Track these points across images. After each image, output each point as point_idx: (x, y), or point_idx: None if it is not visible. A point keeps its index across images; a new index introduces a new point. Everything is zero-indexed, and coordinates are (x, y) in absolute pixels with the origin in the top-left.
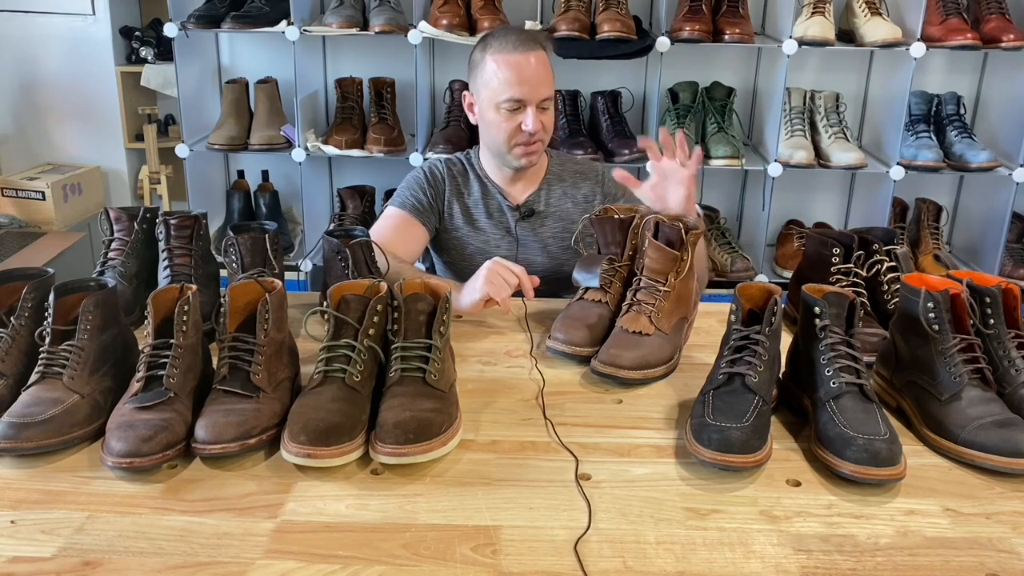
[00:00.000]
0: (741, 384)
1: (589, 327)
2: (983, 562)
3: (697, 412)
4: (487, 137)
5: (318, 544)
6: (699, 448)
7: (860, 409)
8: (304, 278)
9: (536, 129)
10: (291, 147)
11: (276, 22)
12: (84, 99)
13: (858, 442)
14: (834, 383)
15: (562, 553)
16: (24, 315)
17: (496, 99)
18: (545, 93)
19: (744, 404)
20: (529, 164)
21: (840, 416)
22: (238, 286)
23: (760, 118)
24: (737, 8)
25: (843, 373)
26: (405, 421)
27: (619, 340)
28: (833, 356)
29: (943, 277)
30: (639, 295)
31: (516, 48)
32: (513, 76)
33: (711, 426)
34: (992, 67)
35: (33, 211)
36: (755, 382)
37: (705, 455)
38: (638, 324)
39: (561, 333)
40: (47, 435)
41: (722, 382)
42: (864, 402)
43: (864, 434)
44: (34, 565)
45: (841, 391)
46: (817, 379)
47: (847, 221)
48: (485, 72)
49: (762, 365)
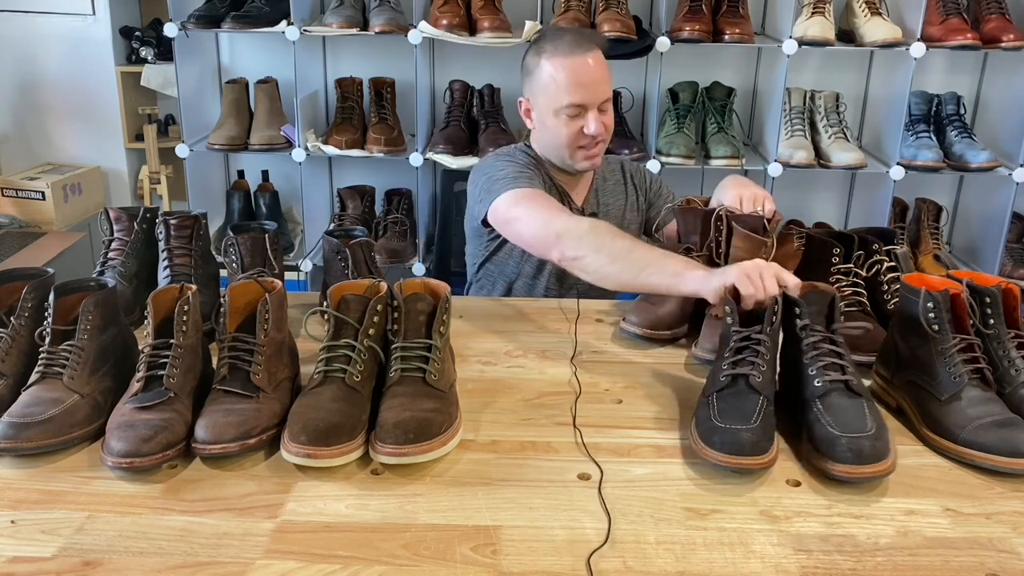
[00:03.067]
0: (745, 385)
1: (662, 313)
2: (983, 562)
3: (703, 415)
4: (547, 142)
5: (318, 544)
6: (709, 452)
7: (847, 406)
8: (304, 278)
9: (599, 132)
10: (291, 147)
11: (276, 22)
12: (84, 99)
13: (842, 442)
14: (818, 382)
15: (562, 553)
16: (24, 315)
17: (555, 104)
18: (605, 94)
19: (750, 405)
20: (592, 167)
21: (826, 415)
22: (238, 286)
23: (760, 118)
24: (737, 8)
25: (827, 371)
26: (405, 421)
27: (716, 328)
28: (816, 355)
29: (943, 277)
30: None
31: (572, 50)
32: (571, 80)
33: (720, 429)
34: (992, 67)
35: (33, 211)
36: (759, 382)
37: (718, 459)
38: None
39: (635, 316)
40: (47, 435)
41: (725, 384)
42: (851, 397)
43: (849, 433)
44: (34, 565)
45: (826, 389)
46: (803, 379)
47: (847, 221)
48: (541, 77)
49: (764, 365)
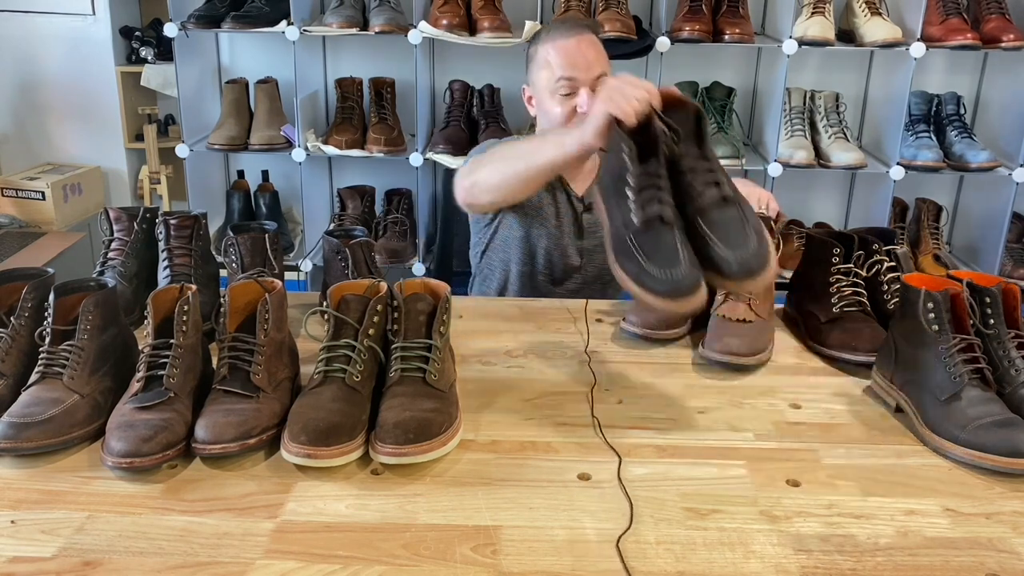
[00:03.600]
0: (660, 223)
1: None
2: (983, 562)
3: (631, 267)
4: (546, 125)
5: (318, 544)
6: (649, 297)
7: (728, 218)
8: (304, 278)
9: None
10: (291, 147)
11: (276, 22)
12: (84, 99)
13: (731, 258)
14: (703, 197)
15: (562, 553)
16: (24, 315)
17: (550, 83)
18: (597, 71)
19: (669, 241)
20: None
21: (710, 231)
22: (238, 286)
23: (760, 118)
24: (737, 8)
25: (711, 187)
26: (405, 421)
27: (724, 328)
28: (694, 174)
29: (943, 277)
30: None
31: (565, 33)
32: (564, 59)
33: (654, 276)
34: (992, 67)
35: (33, 211)
36: (671, 216)
37: (659, 304)
38: (738, 311)
39: (636, 316)
40: (47, 435)
41: (639, 226)
42: (729, 208)
43: (735, 248)
44: (34, 565)
45: (707, 203)
46: (685, 195)
47: (847, 221)
48: (538, 61)
49: (668, 195)
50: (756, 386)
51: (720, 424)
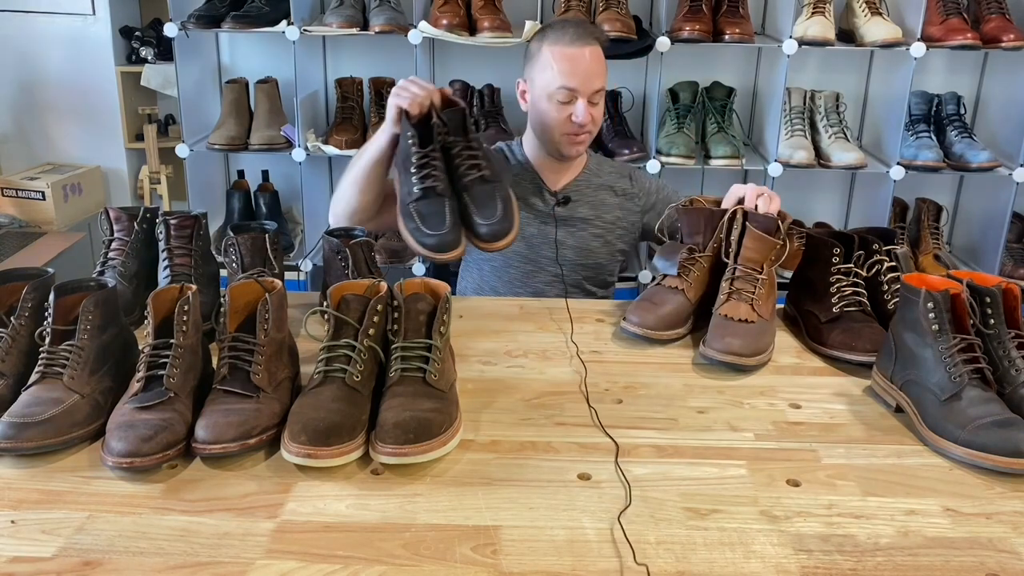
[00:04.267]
0: (434, 194)
1: (663, 313)
2: (983, 562)
3: (411, 226)
4: (537, 124)
5: (318, 544)
6: (421, 250)
7: (484, 193)
8: (304, 278)
9: (586, 121)
10: (291, 147)
11: (276, 22)
12: (84, 99)
13: (483, 225)
14: (467, 177)
15: (562, 553)
16: (24, 315)
17: (549, 88)
18: (597, 86)
19: (439, 208)
20: (576, 153)
21: (470, 203)
22: (238, 286)
23: (760, 118)
24: (737, 8)
25: (473, 170)
26: (405, 421)
27: (726, 328)
28: (461, 158)
29: (943, 277)
30: (736, 284)
31: (572, 41)
32: (567, 68)
33: (428, 235)
34: (992, 67)
35: (33, 211)
36: (443, 188)
37: (428, 255)
38: (740, 311)
39: (635, 316)
40: (47, 435)
41: (419, 195)
42: (485, 185)
43: (487, 220)
44: (34, 565)
45: (468, 182)
46: (454, 174)
47: (847, 221)
48: (540, 62)
49: (443, 174)
50: (756, 386)
51: (720, 424)
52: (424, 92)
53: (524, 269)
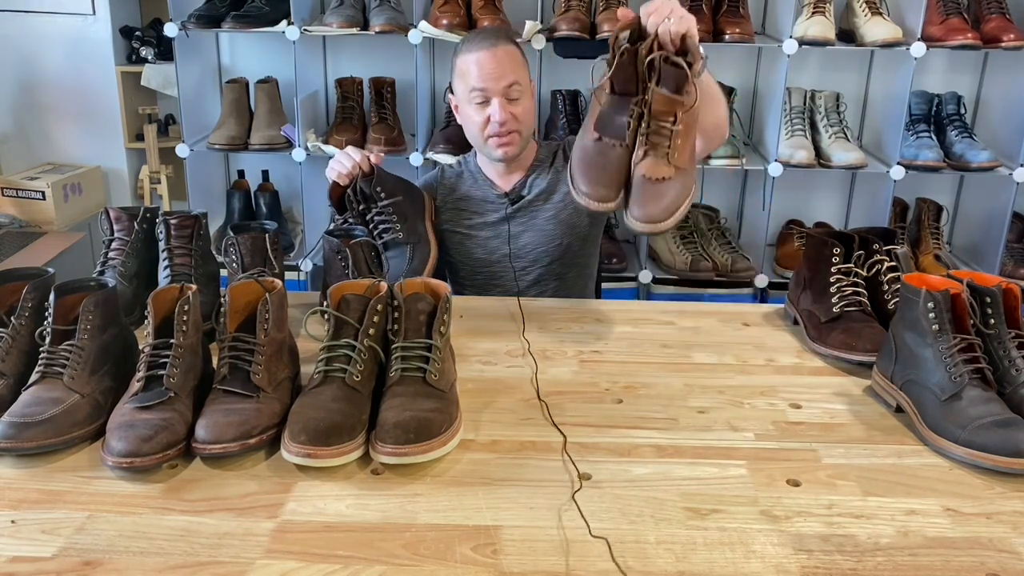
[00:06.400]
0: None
1: (611, 179)
2: (983, 562)
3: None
4: (467, 133)
5: (318, 544)
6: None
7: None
8: (304, 278)
9: (504, 119)
10: (291, 147)
11: (276, 22)
12: (84, 99)
13: None
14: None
15: (562, 553)
16: (24, 315)
17: (466, 93)
18: (508, 81)
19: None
20: (505, 155)
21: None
22: (238, 286)
23: (760, 118)
24: (737, 8)
25: (388, 232)
26: (405, 421)
27: (647, 194)
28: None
29: (943, 277)
30: (651, 138)
31: (480, 46)
32: (475, 70)
33: None
34: (992, 67)
35: (33, 211)
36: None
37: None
38: (658, 170)
39: (585, 186)
40: (47, 435)
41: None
42: (398, 246)
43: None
44: (34, 565)
45: (387, 239)
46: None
47: (847, 221)
48: (458, 72)
49: None
50: (756, 386)
51: (720, 424)
52: (354, 164)
53: (486, 273)
